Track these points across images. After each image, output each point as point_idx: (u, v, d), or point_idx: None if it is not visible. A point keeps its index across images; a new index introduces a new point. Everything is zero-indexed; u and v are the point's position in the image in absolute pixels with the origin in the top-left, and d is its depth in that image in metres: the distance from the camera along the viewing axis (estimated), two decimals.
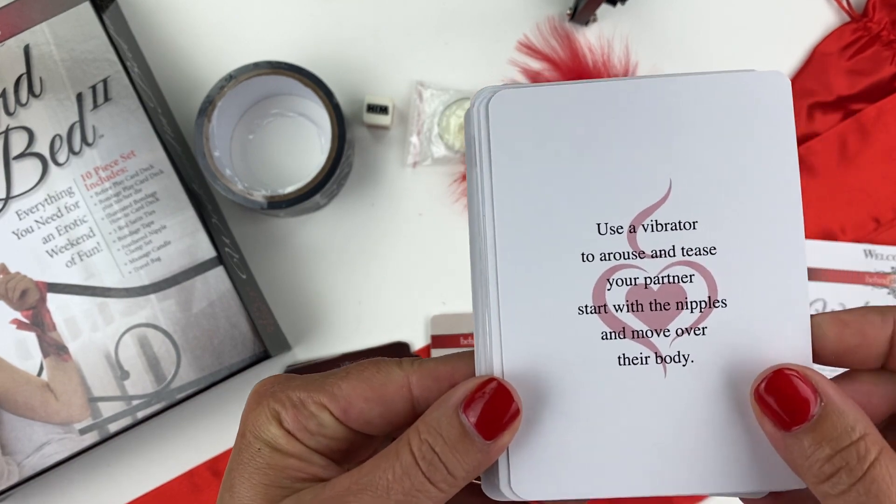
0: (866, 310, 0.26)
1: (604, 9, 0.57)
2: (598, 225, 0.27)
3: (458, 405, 0.26)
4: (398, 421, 0.28)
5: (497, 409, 0.26)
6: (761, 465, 0.26)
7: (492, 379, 0.26)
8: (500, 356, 0.27)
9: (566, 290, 0.27)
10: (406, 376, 0.27)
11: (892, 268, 0.56)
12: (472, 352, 0.28)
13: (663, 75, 0.27)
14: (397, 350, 0.56)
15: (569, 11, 0.57)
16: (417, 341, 0.57)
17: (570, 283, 0.27)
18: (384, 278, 0.57)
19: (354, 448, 0.29)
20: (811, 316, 0.27)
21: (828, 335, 0.26)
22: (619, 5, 0.56)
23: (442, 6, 0.58)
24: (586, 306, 0.27)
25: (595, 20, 0.58)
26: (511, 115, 0.27)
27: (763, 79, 0.27)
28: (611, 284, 0.27)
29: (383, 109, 0.56)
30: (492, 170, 0.27)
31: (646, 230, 0.27)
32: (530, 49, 0.58)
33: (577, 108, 0.27)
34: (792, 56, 0.58)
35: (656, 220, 0.27)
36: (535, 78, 0.57)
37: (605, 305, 0.27)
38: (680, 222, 0.27)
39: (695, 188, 0.27)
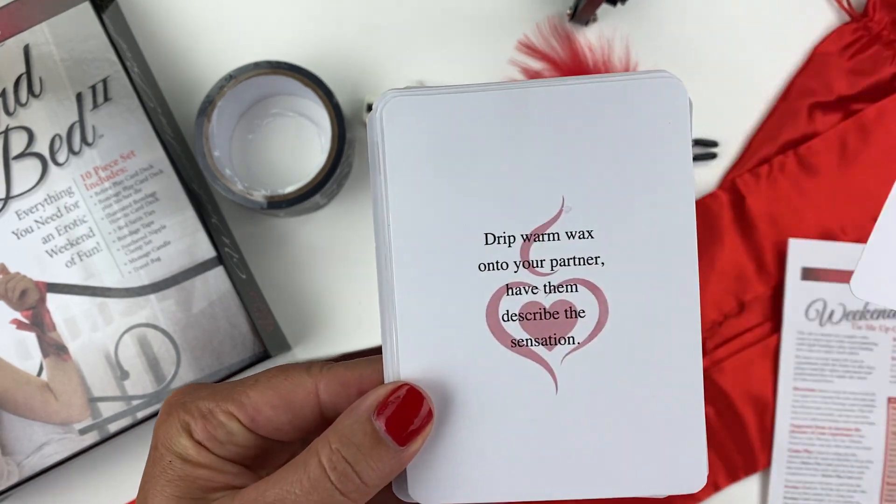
0: None
1: (604, 9, 0.57)
2: (492, 236, 0.27)
3: (370, 411, 0.26)
4: (307, 427, 0.28)
5: (410, 414, 0.26)
6: (652, 469, 0.27)
7: (404, 384, 0.26)
8: (398, 364, 0.27)
9: (460, 300, 0.27)
10: (314, 382, 0.27)
11: None
12: (379, 358, 0.28)
13: (555, 81, 0.27)
14: None
15: (569, 11, 0.57)
16: None
17: (465, 294, 0.27)
18: None
19: (268, 453, 0.29)
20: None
21: None
22: (619, 5, 0.56)
23: (442, 6, 0.58)
24: (479, 317, 0.27)
25: (595, 20, 0.58)
26: (406, 121, 0.27)
27: (657, 84, 0.26)
28: (505, 295, 0.27)
29: None
30: (386, 177, 0.27)
31: (540, 240, 0.27)
32: (530, 49, 0.58)
33: (471, 116, 0.27)
34: (792, 56, 0.58)
35: (549, 233, 0.27)
36: (535, 77, 0.57)
37: (497, 317, 0.27)
38: (572, 233, 0.27)
39: (589, 200, 0.27)
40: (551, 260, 0.27)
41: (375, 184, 0.27)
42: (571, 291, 0.27)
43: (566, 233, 0.27)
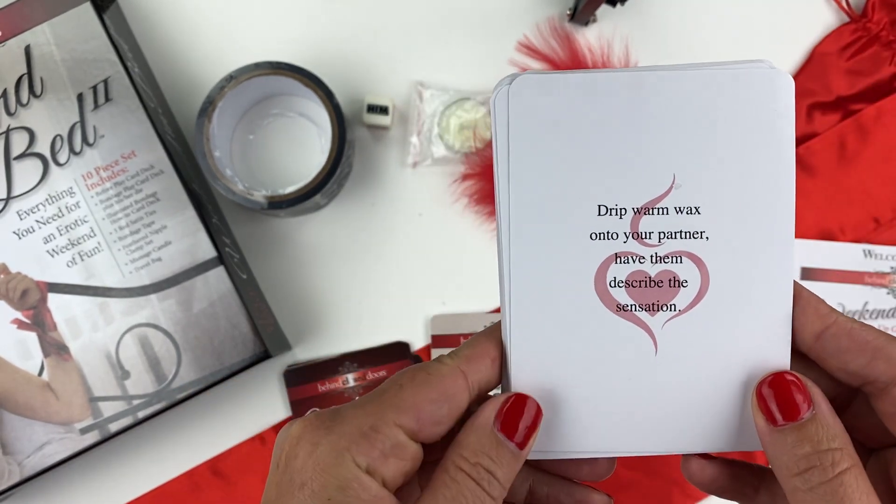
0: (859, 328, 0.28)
1: (603, 9, 0.57)
2: (604, 208, 0.29)
3: (492, 425, 0.28)
4: (459, 414, 0.29)
5: (522, 419, 0.28)
6: (740, 427, 0.29)
7: (511, 395, 0.29)
8: (510, 330, 0.29)
9: (571, 265, 0.29)
10: (456, 366, 0.28)
11: (892, 268, 0.56)
12: (491, 329, 0.30)
13: (671, 66, 0.28)
14: (397, 350, 0.56)
15: (568, 12, 0.57)
16: (417, 341, 0.57)
17: (576, 260, 0.29)
18: (384, 278, 0.57)
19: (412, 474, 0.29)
20: (802, 297, 0.29)
21: (805, 333, 0.29)
22: (618, 6, 0.56)
23: (442, 6, 0.58)
24: (588, 282, 0.29)
25: (595, 21, 0.58)
26: (531, 97, 0.28)
27: (765, 73, 0.28)
28: (613, 263, 0.29)
29: (383, 110, 0.56)
30: (509, 149, 0.29)
31: (650, 214, 0.29)
32: (530, 49, 0.58)
33: (592, 95, 0.28)
34: (791, 56, 0.58)
35: (659, 207, 0.29)
36: None
37: (605, 282, 0.29)
38: (681, 209, 0.29)
39: (697, 178, 0.28)
40: (659, 232, 0.29)
41: (497, 156, 0.29)
42: (676, 262, 0.29)
43: (675, 208, 0.29)
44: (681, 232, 0.29)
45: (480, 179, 0.56)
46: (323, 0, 0.58)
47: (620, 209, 0.29)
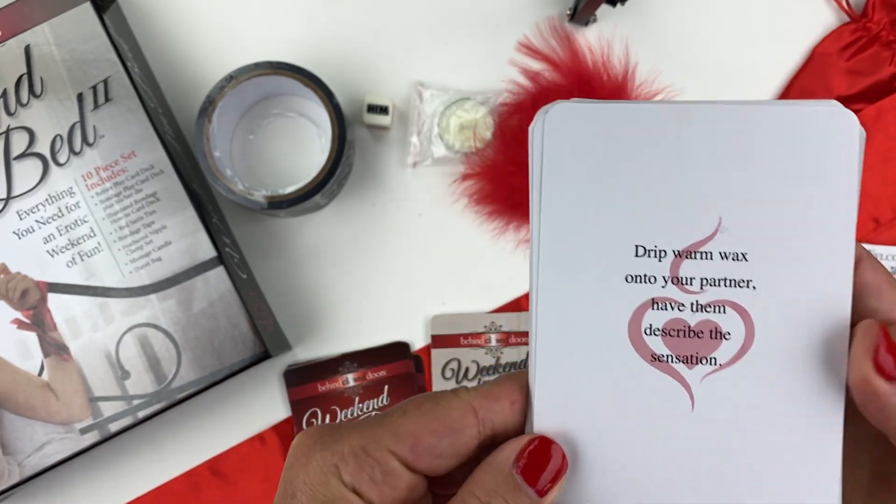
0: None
1: (603, 9, 0.57)
2: (642, 249, 0.27)
3: (510, 465, 0.26)
4: (467, 451, 0.27)
5: (546, 465, 0.26)
6: (779, 495, 0.26)
7: (535, 437, 0.26)
8: (535, 372, 0.27)
9: (604, 309, 0.27)
10: (467, 401, 0.27)
11: (892, 268, 0.56)
12: (520, 373, 0.28)
13: (721, 101, 0.26)
14: (397, 350, 0.56)
15: (568, 12, 0.57)
16: (417, 341, 0.57)
17: (609, 303, 0.27)
18: (384, 278, 0.57)
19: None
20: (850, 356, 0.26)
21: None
22: (618, 6, 0.56)
23: (442, 7, 0.58)
24: (621, 328, 0.27)
25: (595, 21, 0.58)
26: (568, 128, 0.27)
27: (828, 115, 0.26)
28: (650, 309, 0.27)
29: (383, 110, 0.56)
30: (542, 181, 0.27)
31: (692, 258, 0.26)
32: (530, 49, 0.58)
33: (634, 128, 0.26)
34: (791, 56, 0.58)
35: (702, 252, 0.26)
36: (534, 78, 0.57)
37: (640, 329, 0.27)
38: (726, 254, 0.26)
39: (746, 222, 0.26)
40: (702, 279, 0.26)
41: (532, 188, 0.27)
42: (718, 312, 0.26)
43: (720, 253, 0.26)
44: (725, 279, 0.26)
45: (480, 179, 0.56)
46: (323, 0, 0.58)
47: (660, 251, 0.26)
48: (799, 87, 0.57)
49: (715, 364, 0.26)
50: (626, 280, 0.27)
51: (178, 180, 0.51)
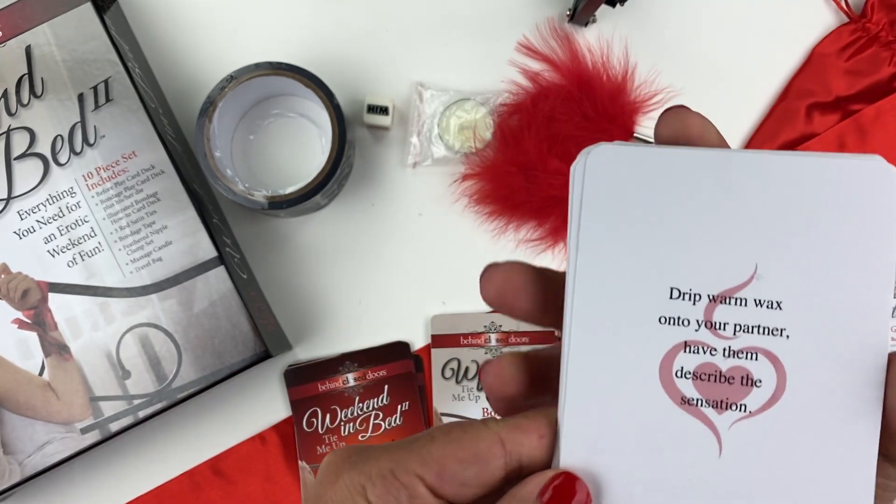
0: None
1: (603, 10, 0.57)
2: (677, 291, 0.27)
3: (535, 498, 0.26)
4: (492, 482, 0.27)
5: (570, 501, 0.26)
6: None
7: (560, 472, 0.27)
8: (564, 408, 0.27)
9: (636, 348, 0.27)
10: (496, 432, 0.27)
11: None
12: (549, 408, 0.28)
13: (763, 151, 0.27)
14: (397, 350, 0.56)
15: (568, 12, 0.57)
16: (417, 341, 0.57)
17: (641, 343, 0.27)
18: (384, 278, 0.57)
19: None
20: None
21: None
22: (618, 6, 0.56)
23: (442, 7, 0.59)
24: (652, 368, 0.27)
25: (594, 21, 0.58)
26: (607, 171, 0.27)
27: (870, 169, 0.26)
28: (682, 352, 0.27)
29: (383, 110, 0.56)
30: (581, 220, 0.27)
31: (726, 303, 0.27)
32: (530, 50, 0.58)
33: (674, 172, 0.27)
34: (790, 57, 0.58)
35: (737, 298, 0.27)
36: (534, 79, 0.57)
37: (671, 371, 0.27)
38: (761, 301, 0.26)
39: (782, 271, 0.26)
40: (735, 324, 0.27)
41: (570, 226, 0.27)
42: (751, 359, 0.26)
43: (755, 300, 0.26)
44: (759, 327, 0.26)
45: (480, 180, 0.56)
46: (323, 1, 0.59)
47: (694, 294, 0.27)
48: (798, 87, 0.57)
49: (745, 411, 0.26)
50: (660, 321, 0.27)
51: (179, 180, 0.51)
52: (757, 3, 0.59)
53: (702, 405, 0.27)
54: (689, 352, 0.27)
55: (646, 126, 0.58)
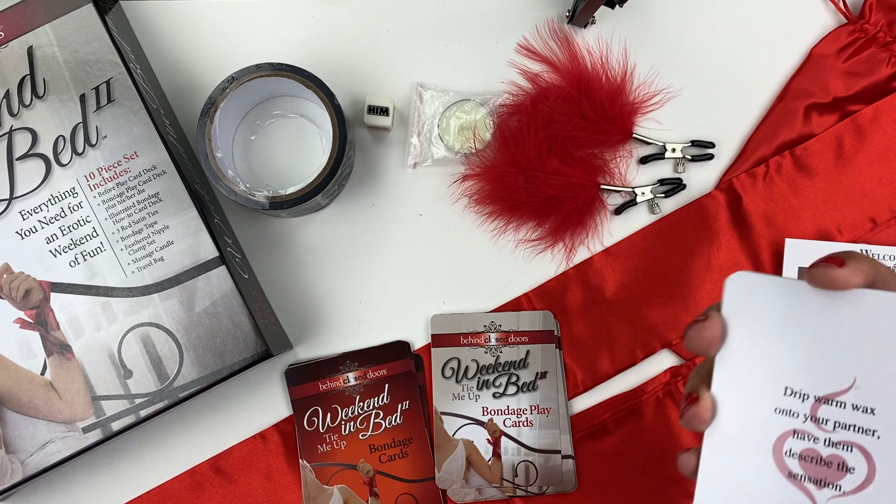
0: None
1: (602, 11, 0.58)
2: (790, 390, 0.34)
3: None
4: None
5: None
6: None
7: None
8: (700, 473, 0.35)
9: (756, 429, 0.34)
10: None
11: (891, 267, 0.56)
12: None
13: (864, 290, 0.33)
14: (398, 349, 0.57)
15: (567, 14, 0.58)
16: (417, 341, 0.57)
17: (760, 425, 0.34)
18: (385, 278, 0.58)
19: None
20: None
21: None
22: (617, 8, 0.56)
23: (442, 9, 0.59)
24: (767, 446, 0.34)
25: (594, 22, 0.58)
26: (741, 293, 0.34)
27: None
28: (791, 437, 0.34)
29: (384, 111, 0.56)
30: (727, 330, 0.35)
31: (829, 404, 0.33)
32: (529, 51, 0.58)
33: (796, 299, 0.34)
34: (789, 58, 0.58)
35: (838, 401, 0.33)
36: (533, 80, 0.57)
37: (782, 450, 0.34)
38: (857, 406, 0.33)
39: (876, 385, 0.33)
40: (835, 422, 0.33)
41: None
42: (846, 450, 0.33)
43: (852, 404, 0.33)
44: (854, 426, 0.33)
45: (480, 180, 0.57)
46: (324, 2, 0.59)
47: (804, 394, 0.33)
48: (796, 88, 0.58)
49: (840, 490, 0.33)
50: (775, 411, 0.34)
51: (181, 181, 0.51)
52: (755, 5, 0.59)
53: (805, 480, 0.33)
54: (797, 438, 0.34)
55: (645, 126, 0.58)
